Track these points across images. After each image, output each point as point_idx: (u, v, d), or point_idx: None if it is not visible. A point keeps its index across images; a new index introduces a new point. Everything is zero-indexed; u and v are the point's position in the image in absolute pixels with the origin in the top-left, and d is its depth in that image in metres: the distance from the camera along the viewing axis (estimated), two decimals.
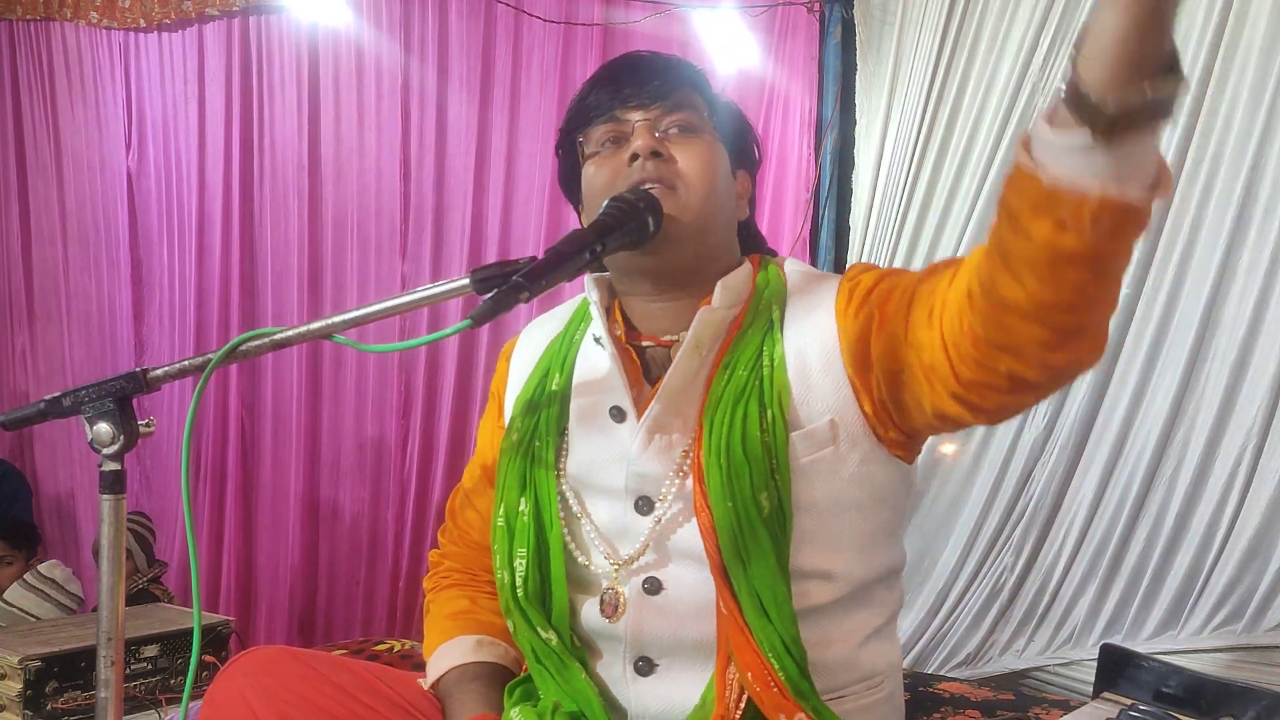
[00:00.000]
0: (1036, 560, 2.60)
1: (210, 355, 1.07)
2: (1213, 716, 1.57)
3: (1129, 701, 1.61)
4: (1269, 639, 2.32)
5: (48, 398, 1.07)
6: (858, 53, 2.83)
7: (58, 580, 3.20)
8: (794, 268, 1.21)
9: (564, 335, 1.26)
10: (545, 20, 3.29)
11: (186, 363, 1.08)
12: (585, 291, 1.22)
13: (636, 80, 1.18)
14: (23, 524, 3.62)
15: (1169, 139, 2.40)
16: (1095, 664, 1.77)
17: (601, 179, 1.16)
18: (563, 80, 3.28)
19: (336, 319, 1.06)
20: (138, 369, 1.07)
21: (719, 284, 1.15)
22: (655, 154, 1.13)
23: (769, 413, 1.08)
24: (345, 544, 3.79)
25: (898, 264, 2.71)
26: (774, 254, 1.27)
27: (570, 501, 1.17)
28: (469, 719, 1.15)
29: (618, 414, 1.15)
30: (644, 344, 1.19)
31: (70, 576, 3.30)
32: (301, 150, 3.75)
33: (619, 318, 1.21)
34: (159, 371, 1.08)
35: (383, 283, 3.64)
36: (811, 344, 1.11)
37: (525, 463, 1.18)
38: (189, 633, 2.02)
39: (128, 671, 1.94)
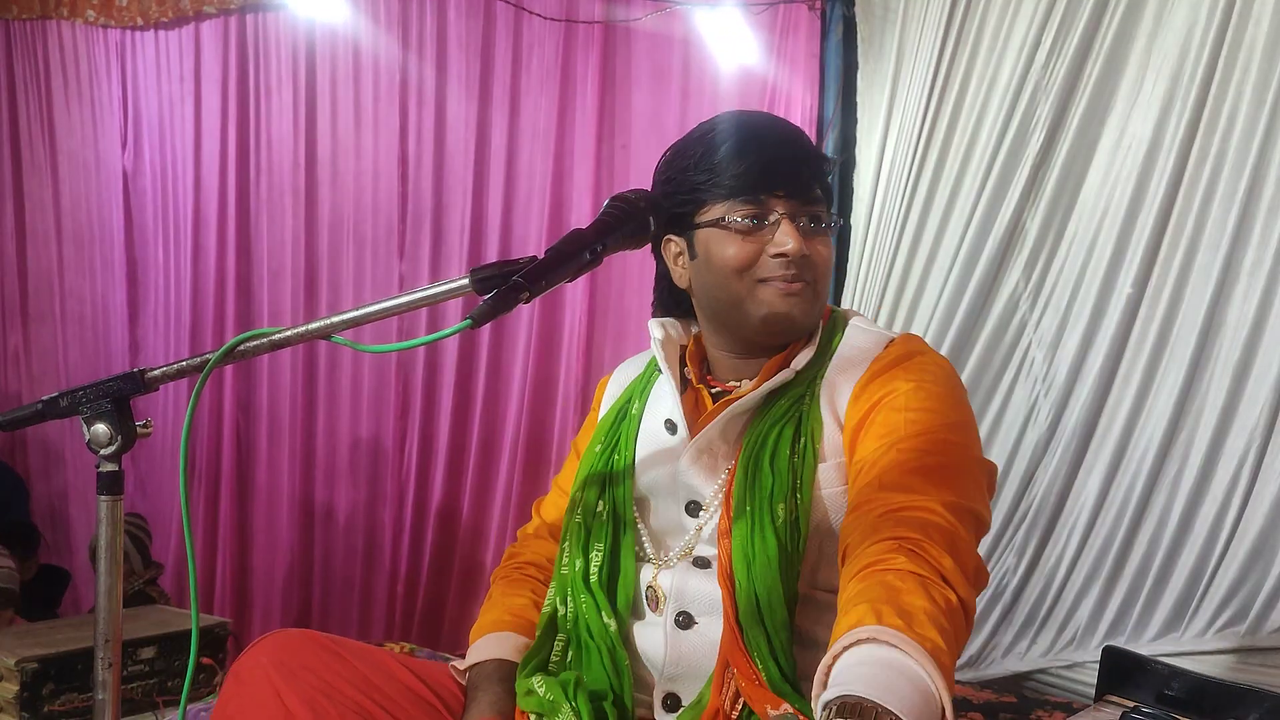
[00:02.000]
0: (1039, 562, 2.59)
1: (208, 355, 1.06)
2: (1216, 719, 1.56)
3: (1132, 704, 1.61)
4: (1272, 641, 2.31)
5: (45, 398, 1.07)
6: (859, 51, 2.81)
7: None
8: (856, 322, 1.32)
9: (646, 371, 1.40)
10: (545, 18, 3.28)
11: (184, 363, 1.07)
12: (651, 331, 1.35)
13: (781, 166, 1.22)
14: (21, 526, 3.60)
15: (1171, 138, 2.39)
16: (1098, 666, 1.76)
17: (741, 258, 1.22)
18: (563, 78, 3.26)
19: (335, 319, 1.06)
20: (135, 370, 1.06)
21: (804, 351, 1.26)
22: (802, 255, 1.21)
23: (802, 440, 1.19)
24: (341, 546, 3.77)
25: (899, 263, 2.69)
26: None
27: (635, 508, 1.29)
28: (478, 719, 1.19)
29: (670, 426, 1.28)
30: (713, 389, 1.31)
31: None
32: (298, 149, 3.73)
33: (693, 359, 1.33)
34: (157, 372, 1.07)
35: (379, 283, 3.63)
36: (843, 391, 1.22)
37: (605, 472, 1.30)
38: (186, 634, 2.01)
39: (125, 673, 1.93)
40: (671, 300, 1.35)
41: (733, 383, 1.29)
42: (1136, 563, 2.46)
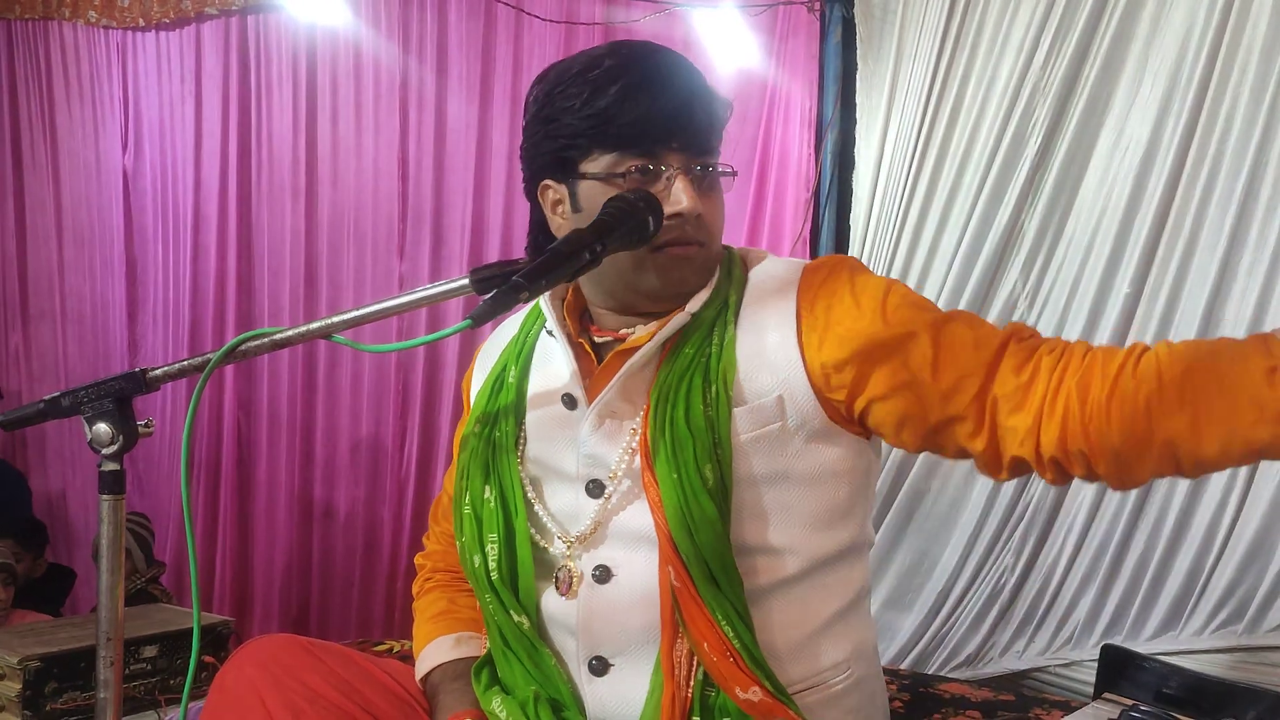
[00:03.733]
0: (1037, 561, 2.60)
1: (210, 355, 1.06)
2: (1213, 717, 1.56)
3: (1130, 702, 1.61)
4: (1269, 639, 2.31)
5: (47, 398, 1.07)
6: (858, 52, 2.82)
7: None
8: (763, 261, 1.21)
9: (520, 333, 1.28)
10: (545, 20, 3.29)
11: (186, 363, 1.07)
12: None
13: (679, 117, 1.11)
14: (31, 523, 3.61)
15: (1169, 139, 2.40)
16: (1096, 665, 1.76)
17: None
18: None
19: (336, 319, 1.06)
20: (137, 369, 1.06)
21: (695, 297, 1.16)
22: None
23: (713, 388, 1.10)
24: (340, 544, 3.78)
25: (898, 263, 2.70)
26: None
27: (528, 488, 1.18)
28: (449, 717, 1.17)
29: (569, 401, 1.17)
30: (598, 339, 1.20)
31: None
32: (298, 149, 3.74)
33: (571, 312, 1.22)
34: (158, 371, 1.07)
35: (379, 282, 3.64)
36: (769, 325, 1.13)
37: (487, 452, 1.20)
38: (188, 633, 2.01)
39: (127, 672, 1.93)
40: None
41: (625, 330, 1.18)
42: (1134, 561, 2.47)
